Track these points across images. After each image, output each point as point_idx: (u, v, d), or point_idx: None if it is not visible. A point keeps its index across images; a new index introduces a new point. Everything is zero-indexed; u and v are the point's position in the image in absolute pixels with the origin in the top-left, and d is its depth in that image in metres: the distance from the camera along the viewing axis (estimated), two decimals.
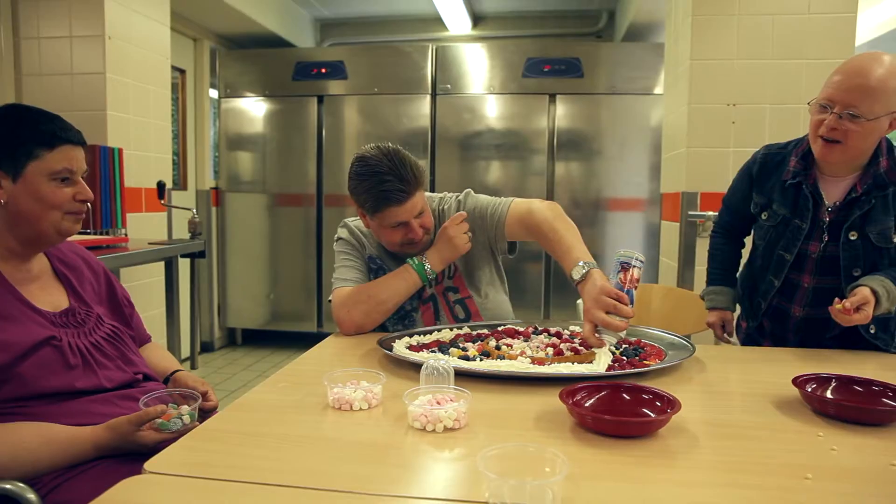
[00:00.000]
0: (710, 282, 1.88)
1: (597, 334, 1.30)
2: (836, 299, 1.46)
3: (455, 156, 4.39)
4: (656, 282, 3.29)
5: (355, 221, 1.79)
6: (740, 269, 1.87)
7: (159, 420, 1.12)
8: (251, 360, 4.51)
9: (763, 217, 1.70)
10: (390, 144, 1.61)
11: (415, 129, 4.39)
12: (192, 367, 3.47)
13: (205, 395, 1.33)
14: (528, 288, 4.33)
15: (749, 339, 1.82)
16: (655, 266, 3.41)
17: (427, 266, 1.63)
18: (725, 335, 1.82)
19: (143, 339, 1.52)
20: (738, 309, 1.86)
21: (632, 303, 1.31)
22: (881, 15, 3.81)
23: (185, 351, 3.57)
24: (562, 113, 4.25)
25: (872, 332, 1.56)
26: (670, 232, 3.05)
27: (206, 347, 4.69)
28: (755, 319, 1.77)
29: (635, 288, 1.33)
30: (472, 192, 1.80)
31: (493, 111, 4.34)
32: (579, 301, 2.20)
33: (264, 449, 0.94)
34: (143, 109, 3.15)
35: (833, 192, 1.59)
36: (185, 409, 1.16)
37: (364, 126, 4.53)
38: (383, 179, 1.54)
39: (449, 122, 4.37)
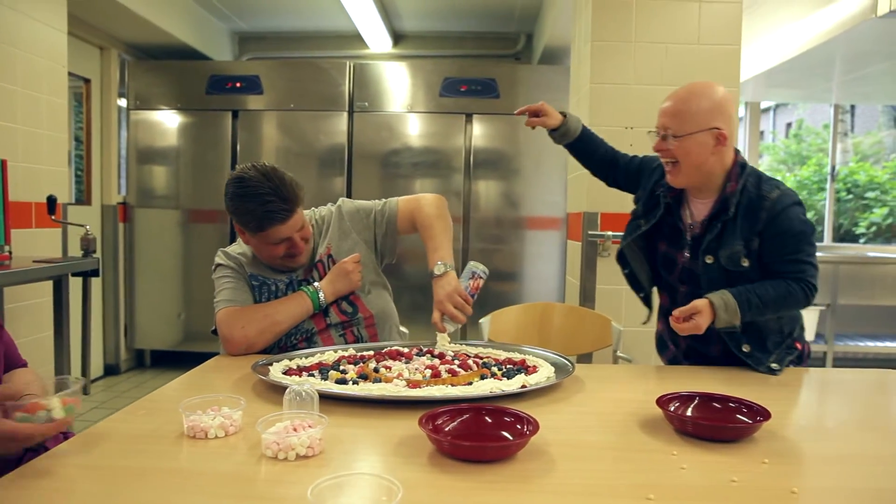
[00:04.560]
0: None
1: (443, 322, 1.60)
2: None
3: (373, 173, 4.36)
4: (563, 300, 3.34)
5: (230, 248, 1.80)
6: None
7: (20, 413, 0.97)
8: (160, 382, 4.29)
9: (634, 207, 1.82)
10: (266, 163, 1.64)
11: (332, 146, 4.34)
12: (84, 393, 3.28)
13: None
14: None
15: (660, 341, 1.85)
16: (563, 284, 3.47)
17: (321, 295, 1.69)
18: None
19: (14, 365, 1.41)
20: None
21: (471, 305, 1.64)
22: (769, 50, 4.05)
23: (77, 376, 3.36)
24: (478, 132, 4.30)
25: (746, 350, 1.57)
26: (574, 251, 3.12)
27: (112, 370, 4.44)
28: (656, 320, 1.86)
29: (476, 294, 1.66)
30: (346, 198, 1.90)
31: (412, 129, 4.35)
32: (482, 320, 2.24)
33: (103, 484, 0.88)
34: (33, 119, 2.98)
35: (697, 212, 1.64)
36: (55, 401, 0.99)
37: (280, 141, 4.45)
38: (266, 200, 1.58)
39: (367, 140, 4.35)
